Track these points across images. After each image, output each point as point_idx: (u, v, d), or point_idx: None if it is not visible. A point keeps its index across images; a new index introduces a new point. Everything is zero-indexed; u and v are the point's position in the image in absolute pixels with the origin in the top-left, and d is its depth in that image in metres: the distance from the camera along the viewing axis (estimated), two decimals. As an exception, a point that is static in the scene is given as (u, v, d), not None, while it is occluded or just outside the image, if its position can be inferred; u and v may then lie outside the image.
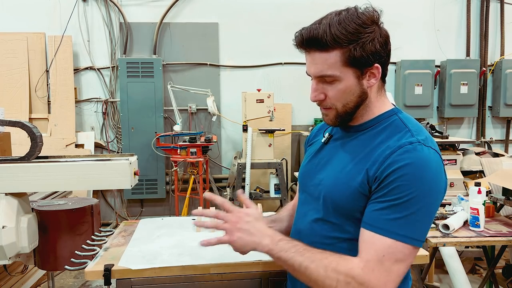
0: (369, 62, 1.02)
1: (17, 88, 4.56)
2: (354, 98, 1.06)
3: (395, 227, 0.96)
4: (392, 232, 0.96)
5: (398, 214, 0.96)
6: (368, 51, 1.00)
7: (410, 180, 0.96)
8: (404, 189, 0.96)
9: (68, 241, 2.31)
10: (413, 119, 1.12)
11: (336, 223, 1.09)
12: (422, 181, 0.96)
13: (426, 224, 0.99)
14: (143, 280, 1.43)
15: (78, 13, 4.69)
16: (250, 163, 3.92)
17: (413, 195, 0.96)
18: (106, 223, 4.69)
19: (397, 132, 1.05)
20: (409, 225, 0.96)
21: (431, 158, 0.99)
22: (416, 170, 0.96)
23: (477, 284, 3.16)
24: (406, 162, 0.97)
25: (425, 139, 1.03)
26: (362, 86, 1.05)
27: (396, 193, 0.97)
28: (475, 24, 5.05)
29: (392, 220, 0.96)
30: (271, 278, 1.46)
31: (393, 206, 0.97)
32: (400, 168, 0.97)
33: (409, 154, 0.98)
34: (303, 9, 4.59)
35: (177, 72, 4.85)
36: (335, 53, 1.01)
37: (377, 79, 1.06)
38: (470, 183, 3.74)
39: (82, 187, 2.17)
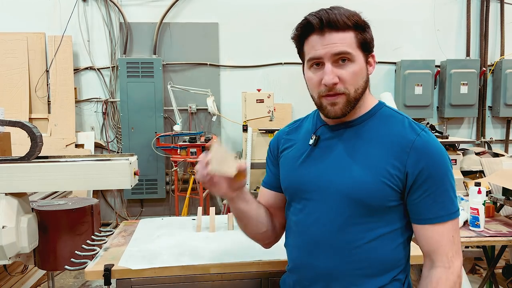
0: (371, 49, 1.11)
1: (17, 88, 4.56)
2: (363, 83, 1.09)
3: (448, 208, 1.07)
4: (449, 214, 1.07)
5: (445, 198, 1.07)
6: (370, 38, 1.10)
7: (441, 167, 1.06)
8: (441, 177, 1.06)
9: (68, 241, 2.31)
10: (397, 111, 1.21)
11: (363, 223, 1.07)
12: (446, 163, 1.07)
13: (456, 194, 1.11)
14: (143, 280, 1.43)
15: (78, 13, 4.69)
16: (250, 163, 3.91)
17: (447, 178, 1.07)
18: (106, 223, 4.69)
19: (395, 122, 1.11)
20: (453, 200, 1.08)
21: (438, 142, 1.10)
22: (440, 156, 1.07)
23: (477, 284, 3.16)
24: (432, 152, 1.06)
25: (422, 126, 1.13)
26: (367, 72, 1.11)
27: (436, 182, 1.06)
28: (475, 24, 5.05)
29: (444, 205, 1.07)
30: (271, 278, 1.46)
31: (439, 194, 1.06)
32: (431, 160, 1.05)
33: (429, 144, 1.06)
34: (303, 9, 4.55)
35: (177, 72, 4.85)
36: (351, 34, 1.06)
37: (373, 68, 1.13)
38: (470, 183, 3.74)
39: (82, 187, 2.17)
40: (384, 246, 1.09)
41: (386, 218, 1.09)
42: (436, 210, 1.07)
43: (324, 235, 1.10)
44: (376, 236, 1.08)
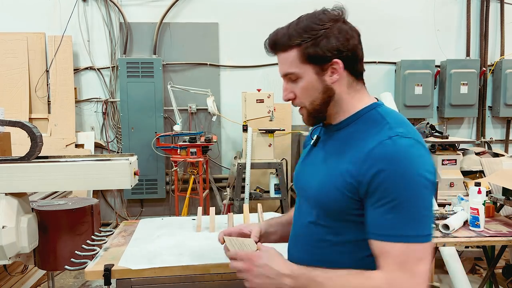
0: (327, 58, 1.04)
1: (17, 88, 4.56)
2: (319, 94, 1.08)
3: (401, 229, 0.94)
4: (400, 235, 0.94)
5: (399, 215, 0.94)
6: (323, 47, 1.03)
7: (397, 179, 0.94)
8: (394, 189, 0.94)
9: (68, 241, 2.31)
10: (394, 112, 1.09)
11: (327, 226, 1.08)
12: (408, 176, 0.94)
13: (427, 216, 0.97)
14: (143, 280, 1.43)
15: (78, 13, 4.69)
16: (250, 163, 3.91)
17: (404, 193, 0.94)
18: (106, 223, 4.69)
19: (375, 126, 1.03)
20: (413, 223, 0.94)
21: (411, 149, 0.96)
22: (398, 166, 0.94)
23: (477, 284, 3.16)
24: (387, 160, 0.95)
25: (405, 131, 1.00)
26: (325, 82, 1.06)
27: (388, 195, 0.95)
28: (475, 24, 5.05)
29: (395, 223, 0.95)
30: (271, 278, 1.45)
31: (391, 209, 0.95)
32: (384, 168, 0.95)
33: (389, 150, 0.96)
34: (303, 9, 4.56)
35: (177, 72, 4.85)
36: (293, 51, 1.06)
37: (340, 74, 1.06)
38: (470, 183, 3.74)
39: (82, 187, 2.17)
40: (350, 253, 1.05)
41: (353, 226, 1.04)
42: (384, 226, 0.96)
43: (301, 230, 1.17)
44: (342, 241, 1.06)
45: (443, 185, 3.89)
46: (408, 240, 0.94)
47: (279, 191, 4.06)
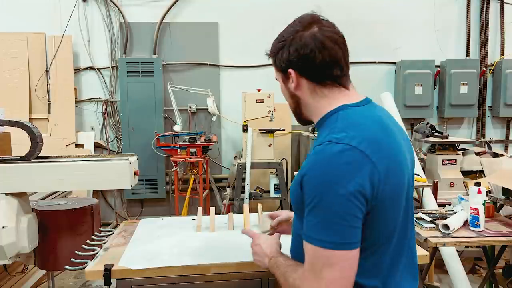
0: (283, 68, 1.14)
1: (17, 88, 4.56)
2: (289, 99, 1.20)
3: (313, 232, 0.98)
4: (311, 238, 0.98)
5: (313, 219, 0.97)
6: (280, 59, 1.14)
7: (313, 183, 0.97)
8: (311, 193, 0.97)
9: (68, 241, 2.31)
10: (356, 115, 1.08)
11: (297, 220, 1.16)
12: (324, 182, 0.95)
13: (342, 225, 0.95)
14: (143, 280, 1.43)
15: (78, 13, 4.69)
16: (250, 163, 3.91)
17: (318, 197, 0.96)
18: (106, 223, 4.69)
19: (325, 131, 1.06)
20: (322, 228, 0.96)
21: (337, 156, 0.96)
22: (316, 171, 0.98)
23: (477, 284, 3.16)
24: (309, 165, 1.00)
25: (343, 136, 0.99)
26: (290, 90, 1.16)
27: (307, 198, 0.98)
28: (475, 24, 5.05)
29: (311, 226, 0.98)
30: (271, 278, 1.46)
31: (309, 211, 0.98)
32: (307, 172, 1.00)
33: (314, 156, 1.00)
34: (303, 9, 4.57)
35: (177, 72, 4.85)
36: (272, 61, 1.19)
37: (295, 82, 1.12)
38: (470, 183, 3.74)
39: (82, 187, 2.17)
40: None
41: None
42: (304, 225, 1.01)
43: None
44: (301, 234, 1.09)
45: (443, 185, 3.89)
46: (315, 243, 0.97)
47: (279, 191, 4.06)
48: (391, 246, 1.07)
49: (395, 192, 1.03)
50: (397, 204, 1.05)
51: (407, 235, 1.12)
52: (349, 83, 1.15)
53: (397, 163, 1.04)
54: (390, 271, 1.07)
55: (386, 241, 1.05)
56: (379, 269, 1.06)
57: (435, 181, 3.58)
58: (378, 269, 1.05)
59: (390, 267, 1.07)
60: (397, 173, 1.04)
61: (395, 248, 1.08)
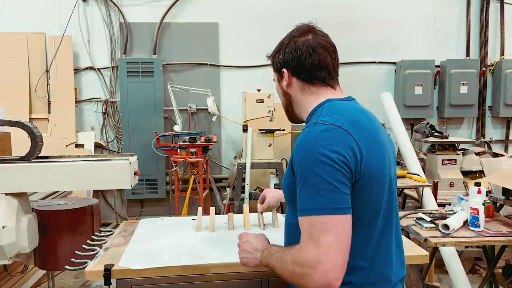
0: (278, 68, 1.29)
1: (17, 88, 4.56)
2: (282, 97, 1.33)
3: (306, 204, 1.05)
4: (305, 209, 1.05)
5: (304, 192, 1.06)
6: (276, 60, 1.30)
7: (299, 159, 1.08)
8: (299, 169, 1.07)
9: (68, 241, 2.31)
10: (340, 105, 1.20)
11: (289, 210, 1.26)
12: (306, 155, 1.06)
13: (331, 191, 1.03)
14: (143, 280, 1.43)
15: (78, 13, 4.69)
16: (250, 163, 3.91)
17: (306, 170, 1.05)
18: (106, 223, 4.69)
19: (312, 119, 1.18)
20: (313, 197, 1.04)
21: (319, 132, 1.07)
22: (301, 147, 1.09)
23: (477, 284, 3.16)
24: (298, 143, 1.10)
25: (327, 119, 1.11)
26: (282, 87, 1.30)
27: (297, 175, 1.08)
28: (475, 24, 5.05)
29: (303, 199, 1.06)
30: (271, 278, 1.46)
31: (301, 187, 1.07)
32: (296, 150, 1.10)
33: (302, 135, 1.11)
34: (303, 9, 4.58)
35: (177, 72, 4.85)
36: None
37: (287, 81, 1.26)
38: (470, 183, 3.74)
39: (82, 187, 2.17)
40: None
41: None
42: (298, 203, 1.08)
43: None
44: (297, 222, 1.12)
45: (443, 185, 3.89)
46: (311, 213, 1.04)
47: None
48: (376, 229, 1.14)
49: (377, 171, 1.11)
50: (380, 184, 1.13)
51: (391, 221, 1.19)
52: (337, 85, 1.27)
53: (377, 144, 1.14)
54: (376, 254, 1.14)
55: (369, 221, 1.12)
56: (365, 250, 1.12)
57: (435, 181, 3.58)
58: (365, 250, 1.12)
59: (376, 250, 1.14)
60: (378, 153, 1.13)
61: (380, 231, 1.15)
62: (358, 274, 1.11)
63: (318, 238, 1.01)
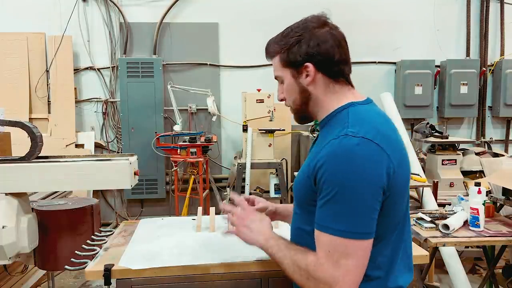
0: (298, 62, 1.14)
1: (17, 88, 4.56)
2: (297, 95, 1.18)
3: (331, 222, 1.01)
4: (328, 227, 1.01)
5: (331, 209, 1.01)
6: (295, 53, 1.13)
7: (333, 174, 1.00)
8: (330, 184, 1.00)
9: (68, 241, 2.31)
10: (365, 111, 1.12)
11: (301, 215, 1.19)
12: (344, 173, 0.99)
13: (361, 215, 0.99)
14: (143, 280, 1.43)
15: (78, 13, 4.69)
16: (250, 163, 3.91)
17: (338, 188, 0.99)
18: (106, 223, 4.69)
19: (338, 126, 1.08)
20: (342, 218, 0.99)
21: (355, 148, 1.00)
22: (336, 163, 1.00)
23: (477, 284, 3.16)
24: (327, 157, 1.02)
25: (357, 130, 1.02)
26: (301, 84, 1.16)
27: (325, 189, 1.01)
28: (475, 24, 5.05)
29: (327, 216, 1.02)
30: (271, 278, 1.46)
31: (326, 202, 1.01)
32: (324, 163, 1.02)
33: (332, 148, 1.02)
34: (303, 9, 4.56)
35: (177, 72, 4.85)
36: (276, 57, 1.20)
37: (312, 76, 1.13)
38: (470, 183, 3.74)
39: (82, 187, 2.17)
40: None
41: None
42: (318, 216, 1.04)
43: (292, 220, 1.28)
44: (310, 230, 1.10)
45: (443, 185, 3.89)
46: (334, 233, 1.00)
47: (279, 191, 4.06)
48: (393, 237, 1.10)
49: (403, 185, 1.08)
50: (404, 196, 1.11)
51: (405, 226, 1.17)
52: None
53: (403, 156, 1.09)
54: (391, 262, 1.11)
55: (389, 235, 1.09)
56: (382, 260, 1.09)
57: (435, 181, 3.58)
58: (382, 260, 1.09)
59: (391, 258, 1.11)
60: (404, 166, 1.08)
61: (395, 239, 1.11)
62: (374, 283, 1.09)
63: (338, 260, 1.00)
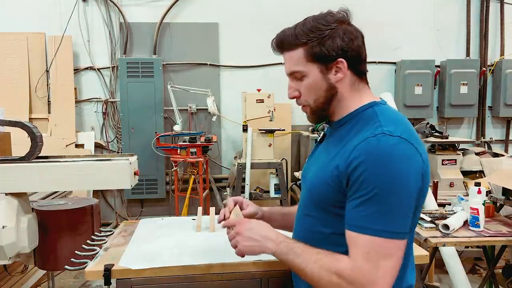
0: (331, 57, 1.08)
1: (17, 88, 4.56)
2: (323, 92, 1.12)
3: (370, 222, 0.98)
4: (368, 228, 0.98)
5: (369, 209, 0.98)
6: (329, 46, 1.07)
7: (374, 173, 0.98)
8: (369, 183, 0.98)
9: (68, 241, 2.31)
10: (391, 111, 1.12)
11: (318, 217, 1.13)
12: (386, 173, 0.97)
13: (401, 215, 0.99)
14: (143, 280, 1.43)
15: (78, 13, 4.69)
16: (250, 163, 3.91)
17: (379, 188, 0.97)
18: (106, 223, 4.69)
19: (367, 125, 1.06)
20: (382, 218, 0.98)
21: (395, 148, 0.99)
22: (377, 162, 0.98)
23: (477, 284, 3.16)
24: (367, 155, 0.99)
25: (393, 129, 1.02)
26: (329, 81, 1.10)
27: (363, 188, 0.99)
28: (475, 24, 5.05)
29: (365, 216, 0.99)
30: (271, 278, 1.46)
31: (364, 202, 0.99)
32: (362, 162, 0.99)
33: (370, 147, 0.99)
34: (303, 9, 4.57)
35: (177, 72, 4.85)
36: (299, 50, 1.10)
37: (344, 73, 1.09)
38: (470, 183, 3.74)
39: (82, 187, 2.17)
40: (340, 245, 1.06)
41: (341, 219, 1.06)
42: (354, 217, 1.01)
43: (299, 222, 1.24)
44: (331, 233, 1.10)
45: (443, 185, 3.89)
46: (374, 233, 0.98)
47: (279, 191, 4.06)
48: (411, 237, 1.11)
49: (428, 184, 1.08)
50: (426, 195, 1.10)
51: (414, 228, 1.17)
52: None
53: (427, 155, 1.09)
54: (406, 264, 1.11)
55: (411, 232, 1.09)
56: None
57: (435, 181, 3.57)
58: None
59: (406, 260, 1.10)
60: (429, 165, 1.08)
61: (410, 239, 1.12)
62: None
63: (378, 261, 0.97)
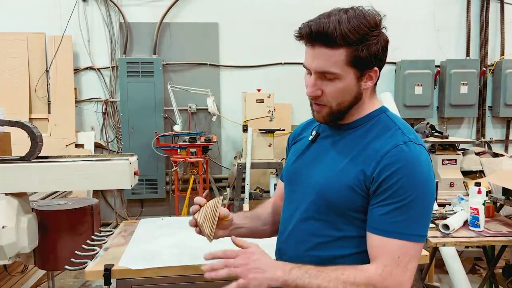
0: (370, 64, 1.04)
1: (17, 88, 4.56)
2: (350, 98, 1.08)
3: (403, 228, 1.01)
4: (401, 233, 1.01)
5: (404, 215, 1.01)
6: (372, 53, 1.02)
7: (410, 181, 1.01)
8: (406, 191, 1.00)
9: (68, 241, 2.31)
10: (399, 117, 1.18)
11: (329, 221, 1.09)
12: (420, 181, 1.02)
13: (428, 219, 1.06)
14: (143, 280, 1.43)
15: (78, 13, 4.69)
16: (250, 163, 3.91)
17: (414, 195, 1.00)
18: (106, 223, 4.68)
19: (387, 129, 1.09)
20: (415, 223, 1.02)
21: (423, 157, 1.05)
22: (413, 170, 1.01)
23: (477, 284, 3.16)
24: (403, 163, 1.01)
25: (415, 137, 1.07)
26: (360, 87, 1.08)
27: (399, 195, 1.00)
28: (475, 24, 5.05)
29: (399, 222, 1.01)
30: (271, 278, 1.45)
31: (398, 208, 1.01)
32: (399, 169, 1.01)
33: (405, 155, 1.02)
34: (303, 9, 4.58)
35: (177, 72, 4.85)
36: (341, 51, 1.01)
37: (373, 82, 1.10)
38: (470, 183, 3.74)
39: (82, 187, 2.18)
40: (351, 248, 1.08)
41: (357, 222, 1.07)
42: (385, 222, 1.02)
43: (295, 225, 1.16)
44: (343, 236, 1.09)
45: (443, 185, 3.89)
46: (408, 238, 1.01)
47: (279, 191, 4.05)
48: None
49: None
50: None
51: None
52: None
53: None
54: None
55: None
56: None
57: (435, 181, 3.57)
58: None
59: None
60: None
61: None
62: None
63: (407, 264, 1.01)
